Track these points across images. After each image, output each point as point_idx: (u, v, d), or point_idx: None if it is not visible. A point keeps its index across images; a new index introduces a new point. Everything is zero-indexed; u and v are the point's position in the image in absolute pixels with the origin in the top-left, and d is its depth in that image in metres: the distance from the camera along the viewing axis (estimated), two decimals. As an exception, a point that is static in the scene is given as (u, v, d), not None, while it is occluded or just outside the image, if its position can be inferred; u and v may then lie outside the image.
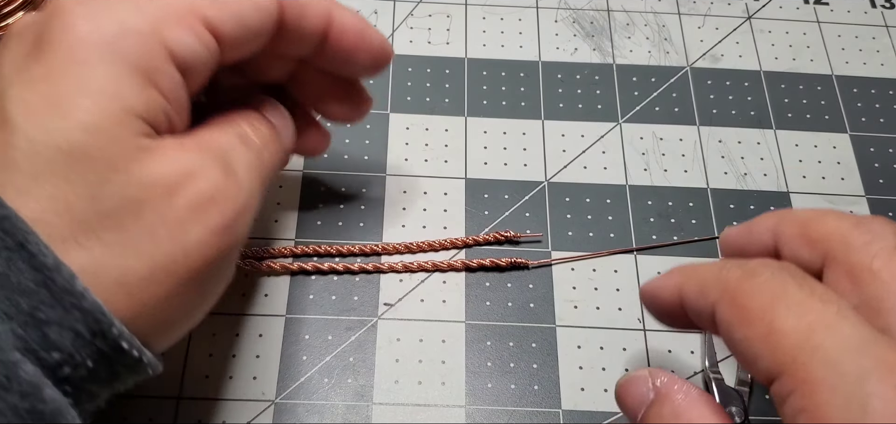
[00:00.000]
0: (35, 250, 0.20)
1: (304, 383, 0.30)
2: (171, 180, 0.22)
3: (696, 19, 0.42)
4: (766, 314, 0.23)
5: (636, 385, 0.26)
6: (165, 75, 0.23)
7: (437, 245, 0.34)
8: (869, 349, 0.21)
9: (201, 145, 0.24)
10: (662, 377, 0.25)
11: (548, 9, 0.42)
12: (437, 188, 0.35)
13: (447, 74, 0.39)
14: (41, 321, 0.20)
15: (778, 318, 0.22)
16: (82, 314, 0.20)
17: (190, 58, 0.23)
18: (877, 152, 0.38)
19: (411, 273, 0.33)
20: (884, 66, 0.41)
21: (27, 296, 0.19)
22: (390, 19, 0.41)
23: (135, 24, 0.22)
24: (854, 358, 0.21)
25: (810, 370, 0.21)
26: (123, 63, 0.22)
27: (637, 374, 0.26)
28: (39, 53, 0.22)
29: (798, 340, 0.22)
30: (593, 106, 0.38)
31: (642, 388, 0.25)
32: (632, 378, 0.26)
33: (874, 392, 0.20)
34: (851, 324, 0.22)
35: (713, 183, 0.36)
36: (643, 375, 0.26)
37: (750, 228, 0.28)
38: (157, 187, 0.22)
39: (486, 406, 0.30)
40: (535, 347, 0.32)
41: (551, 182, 0.36)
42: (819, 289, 0.23)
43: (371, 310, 0.32)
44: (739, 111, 0.39)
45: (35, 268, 0.20)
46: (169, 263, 0.22)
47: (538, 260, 0.34)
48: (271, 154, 0.27)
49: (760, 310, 0.23)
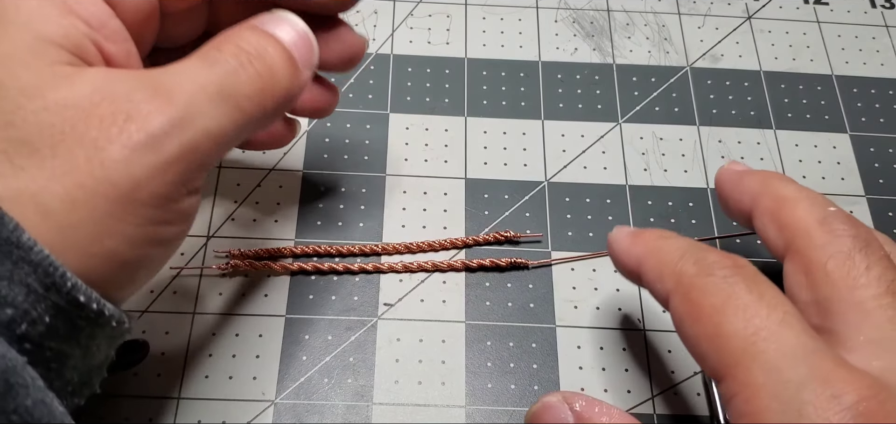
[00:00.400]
0: None
1: (304, 383, 0.30)
2: (87, 102, 0.21)
3: (696, 19, 0.42)
4: (714, 316, 0.23)
5: (551, 411, 0.25)
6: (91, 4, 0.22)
7: (437, 245, 0.34)
8: (808, 359, 0.22)
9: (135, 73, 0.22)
10: (580, 400, 0.25)
11: (548, 9, 0.42)
12: (437, 188, 0.35)
13: (447, 74, 0.39)
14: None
15: (725, 321, 0.23)
16: (31, 266, 0.19)
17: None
18: (877, 152, 0.38)
19: (411, 273, 0.33)
20: (884, 66, 0.41)
21: None
22: (390, 19, 0.41)
23: None
24: (793, 366, 0.22)
25: (752, 374, 0.22)
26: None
27: (549, 400, 0.26)
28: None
29: (742, 344, 0.23)
30: (593, 106, 0.38)
31: (559, 414, 0.25)
32: (545, 405, 0.26)
33: (810, 401, 0.21)
34: (794, 332, 0.22)
35: (713, 183, 0.36)
36: (557, 400, 0.25)
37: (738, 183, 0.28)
38: (73, 110, 0.20)
39: (486, 406, 0.30)
40: (535, 347, 0.32)
41: (551, 182, 0.36)
42: (768, 294, 0.23)
43: (371, 310, 0.32)
44: (739, 111, 0.39)
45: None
46: (89, 182, 0.20)
47: (538, 260, 0.34)
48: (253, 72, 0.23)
49: (710, 310, 0.23)
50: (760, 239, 0.28)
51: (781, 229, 0.26)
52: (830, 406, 0.21)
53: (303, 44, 0.25)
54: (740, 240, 0.35)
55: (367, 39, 0.29)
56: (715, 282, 0.24)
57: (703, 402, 0.31)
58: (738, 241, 0.35)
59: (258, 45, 0.24)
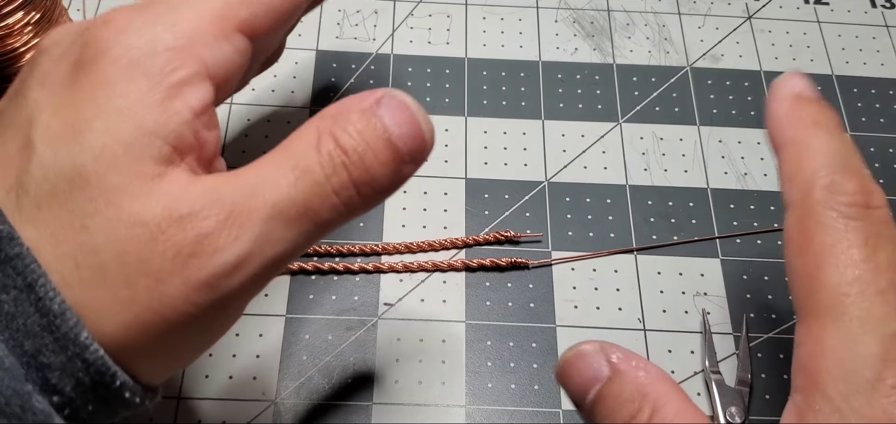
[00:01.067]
0: (42, 294, 0.19)
1: (304, 383, 0.30)
2: (154, 223, 0.20)
3: (697, 19, 0.42)
4: (819, 256, 0.22)
5: (586, 360, 0.23)
6: (195, 89, 0.21)
7: (437, 245, 0.34)
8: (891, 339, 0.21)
9: (217, 182, 0.21)
10: (617, 352, 0.23)
11: (548, 9, 0.42)
12: (437, 188, 0.35)
13: (447, 74, 0.39)
14: (43, 364, 0.19)
15: (826, 266, 0.22)
16: (85, 364, 0.19)
17: (224, 67, 0.22)
18: (877, 152, 0.38)
19: (411, 273, 0.33)
20: (884, 66, 0.41)
21: (32, 338, 0.19)
22: (390, 19, 0.41)
23: (167, 40, 0.21)
24: (871, 342, 0.21)
25: (826, 332, 0.21)
26: (146, 80, 0.21)
27: (585, 348, 0.24)
28: (73, 79, 0.21)
29: (831, 299, 0.22)
30: (593, 106, 0.38)
31: (595, 363, 0.23)
32: (579, 352, 0.24)
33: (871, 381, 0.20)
34: (889, 307, 0.21)
35: (713, 183, 0.36)
36: (594, 349, 0.24)
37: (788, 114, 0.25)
38: (143, 229, 0.20)
39: (486, 405, 0.30)
40: (536, 347, 0.32)
41: (551, 182, 0.36)
42: (882, 256, 0.22)
43: (371, 310, 0.32)
44: (739, 111, 0.39)
45: (41, 312, 0.19)
46: (146, 315, 0.20)
47: (538, 260, 0.34)
48: (360, 181, 0.21)
49: (819, 248, 0.22)
50: None
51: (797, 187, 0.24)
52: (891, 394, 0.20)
53: (409, 133, 0.22)
54: (741, 240, 0.35)
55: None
56: (835, 220, 0.22)
57: (703, 402, 0.31)
58: (738, 241, 0.35)
59: (360, 143, 0.21)
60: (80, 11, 0.39)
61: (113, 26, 0.22)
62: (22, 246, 0.19)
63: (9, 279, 0.19)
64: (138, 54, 0.21)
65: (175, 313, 0.20)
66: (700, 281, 0.34)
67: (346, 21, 0.40)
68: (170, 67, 0.21)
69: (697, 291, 0.33)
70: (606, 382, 0.23)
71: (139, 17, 0.22)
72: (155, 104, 0.20)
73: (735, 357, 0.32)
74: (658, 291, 0.33)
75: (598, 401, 0.23)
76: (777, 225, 0.35)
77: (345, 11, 0.41)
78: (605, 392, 0.23)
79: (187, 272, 0.20)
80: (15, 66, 0.34)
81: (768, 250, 0.35)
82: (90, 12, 0.39)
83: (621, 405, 0.23)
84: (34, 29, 0.34)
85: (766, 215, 0.35)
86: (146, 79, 0.21)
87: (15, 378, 0.19)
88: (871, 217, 0.22)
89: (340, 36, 0.40)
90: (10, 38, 0.33)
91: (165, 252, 0.20)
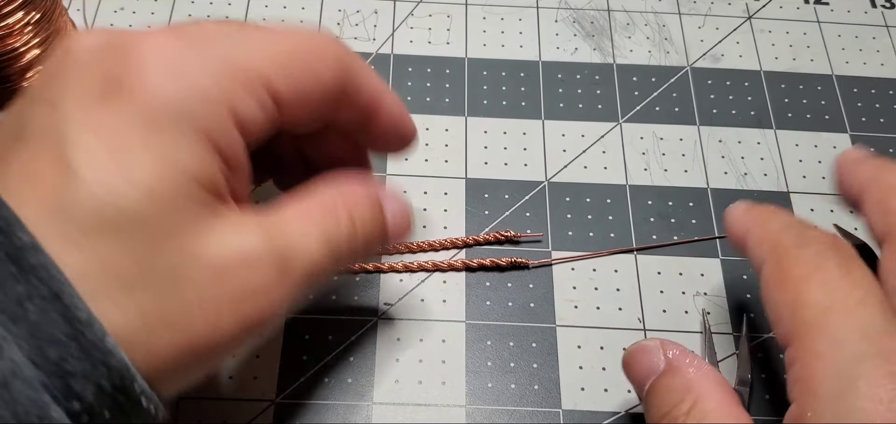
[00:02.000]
0: (69, 302, 0.19)
1: (304, 383, 0.30)
2: (221, 265, 0.21)
3: (697, 19, 0.42)
4: (799, 284, 0.24)
5: (646, 354, 0.27)
6: (231, 141, 0.22)
7: (437, 245, 0.34)
8: (876, 337, 0.22)
9: (268, 227, 0.23)
10: (674, 349, 0.26)
11: (548, 9, 0.42)
12: (437, 188, 0.35)
13: (447, 74, 0.39)
14: (67, 372, 0.19)
15: (807, 290, 0.24)
16: (108, 369, 0.20)
17: (251, 124, 0.23)
18: (877, 153, 0.38)
19: (411, 273, 0.33)
20: (884, 66, 0.41)
21: (56, 346, 0.19)
22: (390, 19, 0.41)
23: (207, 86, 0.22)
24: (858, 341, 0.22)
25: (816, 343, 0.23)
26: (192, 127, 0.21)
27: (647, 344, 0.27)
28: (109, 98, 0.21)
29: (816, 314, 0.23)
30: (593, 106, 0.38)
31: (653, 358, 0.26)
32: (642, 346, 0.27)
33: (864, 374, 0.21)
34: (870, 312, 0.23)
35: (713, 183, 0.36)
36: (654, 345, 0.27)
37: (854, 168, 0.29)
38: (206, 268, 0.21)
39: (486, 405, 0.30)
40: (536, 347, 0.32)
41: (551, 182, 0.36)
42: (856, 274, 0.24)
43: (371, 310, 0.32)
44: (739, 111, 0.39)
45: (68, 320, 0.19)
46: (195, 343, 0.21)
47: (538, 260, 0.34)
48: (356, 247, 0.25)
49: (797, 278, 0.24)
50: (866, 224, 0.28)
51: (885, 215, 0.26)
52: (884, 382, 0.21)
53: (402, 225, 0.27)
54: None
55: None
56: (807, 254, 0.25)
57: (703, 402, 0.31)
58: (738, 241, 0.35)
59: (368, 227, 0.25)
60: (79, 11, 0.39)
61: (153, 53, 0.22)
62: (46, 256, 0.19)
63: (33, 289, 0.19)
64: (181, 95, 0.21)
65: (219, 344, 0.22)
66: (700, 281, 0.34)
67: (346, 21, 0.40)
68: (211, 114, 0.22)
69: (697, 291, 0.33)
70: (661, 374, 0.26)
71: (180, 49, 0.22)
72: (201, 154, 0.22)
73: (735, 357, 0.32)
74: (658, 291, 0.33)
75: (652, 391, 0.26)
76: (777, 225, 0.35)
77: (345, 11, 0.41)
78: (658, 383, 0.26)
79: (241, 312, 0.22)
80: (15, 65, 0.34)
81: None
82: (90, 12, 0.39)
83: (669, 395, 0.25)
84: (34, 29, 0.34)
85: (766, 215, 0.35)
86: (192, 127, 0.21)
87: (34, 389, 0.19)
88: (840, 248, 0.25)
89: (340, 36, 0.40)
90: (10, 38, 0.33)
91: (226, 292, 0.21)
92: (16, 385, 0.18)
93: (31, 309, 0.19)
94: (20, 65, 0.34)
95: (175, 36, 0.23)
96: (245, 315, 0.22)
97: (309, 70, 0.24)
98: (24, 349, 0.19)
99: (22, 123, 0.22)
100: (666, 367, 0.26)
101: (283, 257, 0.23)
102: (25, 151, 0.21)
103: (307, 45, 0.24)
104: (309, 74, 0.24)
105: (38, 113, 0.21)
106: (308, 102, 0.25)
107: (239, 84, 0.23)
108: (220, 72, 0.22)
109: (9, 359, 0.18)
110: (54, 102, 0.21)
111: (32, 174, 0.20)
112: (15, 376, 0.18)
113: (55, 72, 0.22)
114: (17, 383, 0.18)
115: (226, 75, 0.22)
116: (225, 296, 0.21)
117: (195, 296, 0.21)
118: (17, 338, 0.19)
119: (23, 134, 0.21)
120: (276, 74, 0.23)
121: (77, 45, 0.23)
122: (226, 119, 0.22)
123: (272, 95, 0.23)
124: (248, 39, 0.23)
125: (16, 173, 0.21)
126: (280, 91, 0.23)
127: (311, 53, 0.24)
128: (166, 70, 0.22)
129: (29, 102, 0.22)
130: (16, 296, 0.19)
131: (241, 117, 0.23)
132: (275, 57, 0.23)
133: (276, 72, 0.23)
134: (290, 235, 0.23)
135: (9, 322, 0.19)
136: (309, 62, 0.24)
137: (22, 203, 0.20)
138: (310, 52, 0.24)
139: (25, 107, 0.22)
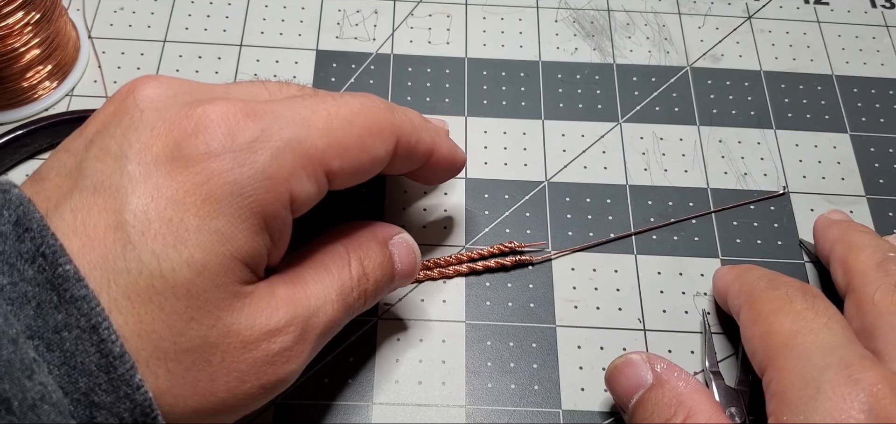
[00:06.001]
0: (105, 336, 0.20)
1: (305, 383, 0.30)
2: (250, 336, 0.23)
3: (697, 19, 0.42)
4: (770, 317, 0.26)
5: (633, 367, 0.27)
6: (282, 221, 0.24)
7: (442, 262, 0.34)
8: (839, 350, 0.25)
9: (293, 301, 0.24)
10: (661, 362, 0.27)
11: (548, 9, 0.42)
12: (437, 188, 0.35)
13: (447, 74, 0.39)
14: (94, 403, 0.20)
15: (777, 320, 0.26)
16: (132, 404, 0.20)
17: (304, 202, 0.24)
18: (877, 152, 0.38)
19: (411, 273, 0.33)
20: (884, 66, 0.41)
21: (87, 377, 0.20)
22: (390, 19, 0.41)
23: (270, 171, 0.23)
24: (823, 355, 0.25)
25: (787, 361, 0.25)
26: (248, 209, 0.22)
27: (633, 357, 0.28)
28: (172, 167, 0.22)
29: (786, 339, 0.26)
30: (593, 106, 0.38)
31: (640, 371, 0.27)
32: (628, 360, 0.28)
33: (829, 380, 0.24)
34: (833, 333, 0.25)
35: (713, 183, 0.36)
36: (640, 359, 0.27)
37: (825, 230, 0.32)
38: (236, 339, 0.22)
39: (486, 405, 0.30)
40: (536, 347, 0.32)
41: (551, 182, 0.36)
42: (821, 305, 0.27)
43: (371, 310, 0.32)
44: (739, 111, 0.39)
45: (102, 353, 0.20)
46: (217, 405, 0.22)
47: (540, 257, 0.34)
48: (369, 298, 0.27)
49: (768, 313, 0.27)
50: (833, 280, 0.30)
51: (845, 272, 0.29)
52: (847, 386, 0.23)
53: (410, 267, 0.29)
54: (741, 240, 0.35)
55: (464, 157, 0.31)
56: (777, 293, 0.27)
57: (703, 402, 0.31)
58: (738, 241, 0.35)
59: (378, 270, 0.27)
60: (79, 11, 0.39)
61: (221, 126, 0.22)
62: (88, 288, 0.20)
63: (72, 318, 0.20)
64: (244, 178, 0.22)
65: (239, 404, 0.23)
66: (700, 281, 0.34)
67: (346, 21, 0.40)
68: (269, 198, 0.23)
69: (697, 291, 0.33)
70: (650, 388, 0.26)
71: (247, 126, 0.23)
72: (251, 234, 0.23)
73: (735, 357, 0.32)
74: (658, 291, 0.33)
75: (640, 404, 0.26)
76: (777, 225, 0.35)
77: (345, 11, 0.41)
78: (647, 396, 0.26)
79: (264, 376, 0.23)
80: (15, 65, 0.34)
81: (768, 251, 0.35)
82: (90, 13, 0.39)
83: (660, 408, 0.26)
84: (34, 29, 0.34)
85: (767, 216, 0.35)
86: (248, 208, 0.22)
87: (61, 414, 0.20)
88: (807, 288, 0.27)
89: (340, 36, 0.40)
90: (10, 38, 0.33)
91: (251, 359, 0.23)
92: (44, 409, 0.19)
93: (67, 338, 0.20)
94: (20, 65, 0.34)
95: (243, 110, 0.23)
96: (267, 380, 0.23)
97: (365, 149, 0.25)
98: (54, 374, 0.20)
99: (81, 171, 0.22)
100: (654, 381, 0.27)
101: (304, 325, 0.24)
102: (81, 202, 0.21)
103: (365, 122, 0.25)
104: (364, 153, 0.25)
105: (99, 167, 0.22)
106: (360, 175, 0.26)
107: (300, 167, 0.23)
108: (283, 154, 0.23)
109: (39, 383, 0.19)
110: (117, 157, 0.22)
111: (85, 228, 0.21)
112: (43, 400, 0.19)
113: (119, 121, 0.23)
114: (46, 407, 0.19)
115: (288, 159, 0.23)
116: (250, 364, 0.23)
117: (223, 366, 0.22)
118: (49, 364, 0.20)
119: (80, 183, 0.22)
120: (334, 156, 0.24)
121: (143, 95, 0.24)
122: (283, 202, 0.23)
123: (327, 174, 0.24)
124: (311, 119, 0.24)
125: (68, 223, 0.21)
126: (335, 170, 0.24)
127: (367, 131, 0.25)
128: (231, 148, 0.22)
129: (88, 147, 0.23)
130: (54, 324, 0.20)
131: (295, 197, 0.24)
132: (333, 138, 0.24)
133: (334, 154, 0.24)
134: (311, 305, 0.25)
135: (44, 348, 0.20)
136: (365, 139, 0.25)
137: (71, 256, 0.20)
138: (367, 130, 0.25)
139: (84, 152, 0.23)
